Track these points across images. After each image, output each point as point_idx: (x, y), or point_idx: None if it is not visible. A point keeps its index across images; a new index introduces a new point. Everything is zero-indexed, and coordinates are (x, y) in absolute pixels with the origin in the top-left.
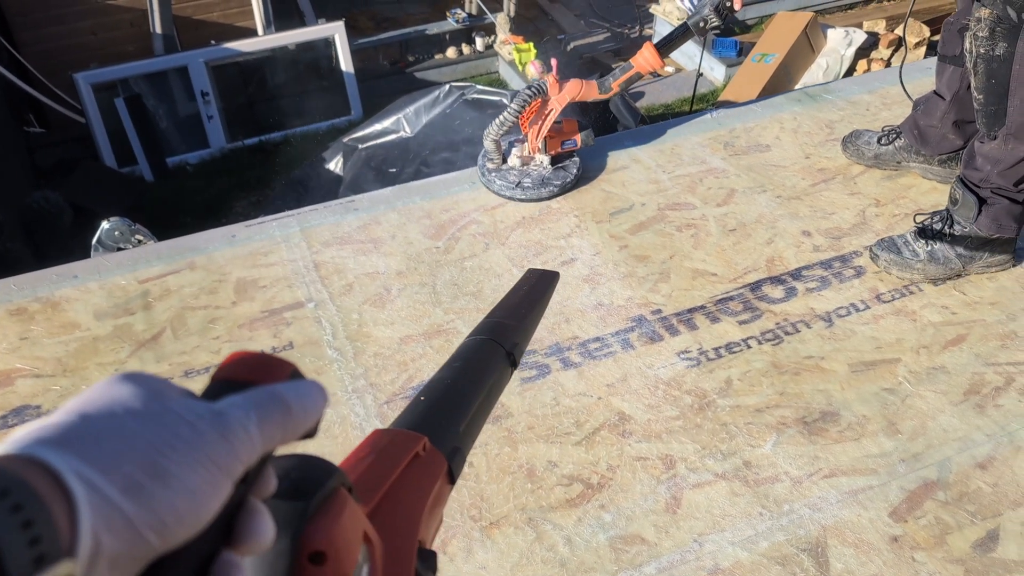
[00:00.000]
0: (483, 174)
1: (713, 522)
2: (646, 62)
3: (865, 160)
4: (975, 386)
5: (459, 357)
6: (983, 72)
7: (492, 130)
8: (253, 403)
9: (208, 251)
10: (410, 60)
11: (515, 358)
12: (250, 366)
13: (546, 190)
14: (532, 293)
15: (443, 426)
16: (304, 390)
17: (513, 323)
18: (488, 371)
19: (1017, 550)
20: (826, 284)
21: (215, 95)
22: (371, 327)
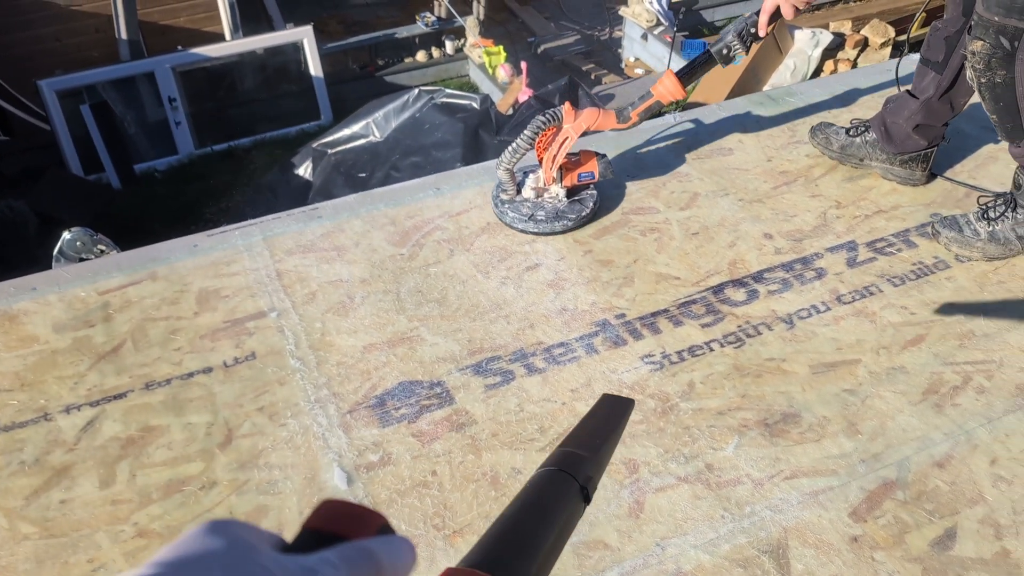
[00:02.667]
0: (496, 205)
1: (675, 525)
2: (667, 91)
3: (831, 151)
4: (934, 386)
5: (531, 489)
6: (990, 98)
7: (505, 158)
8: (345, 560)
9: (170, 261)
10: (380, 64)
11: (588, 493)
12: (341, 518)
13: (560, 224)
14: (607, 422)
15: (515, 566)
16: (395, 547)
17: (587, 454)
18: (561, 508)
19: (974, 548)
20: (787, 286)
21: (183, 101)
22: (334, 336)
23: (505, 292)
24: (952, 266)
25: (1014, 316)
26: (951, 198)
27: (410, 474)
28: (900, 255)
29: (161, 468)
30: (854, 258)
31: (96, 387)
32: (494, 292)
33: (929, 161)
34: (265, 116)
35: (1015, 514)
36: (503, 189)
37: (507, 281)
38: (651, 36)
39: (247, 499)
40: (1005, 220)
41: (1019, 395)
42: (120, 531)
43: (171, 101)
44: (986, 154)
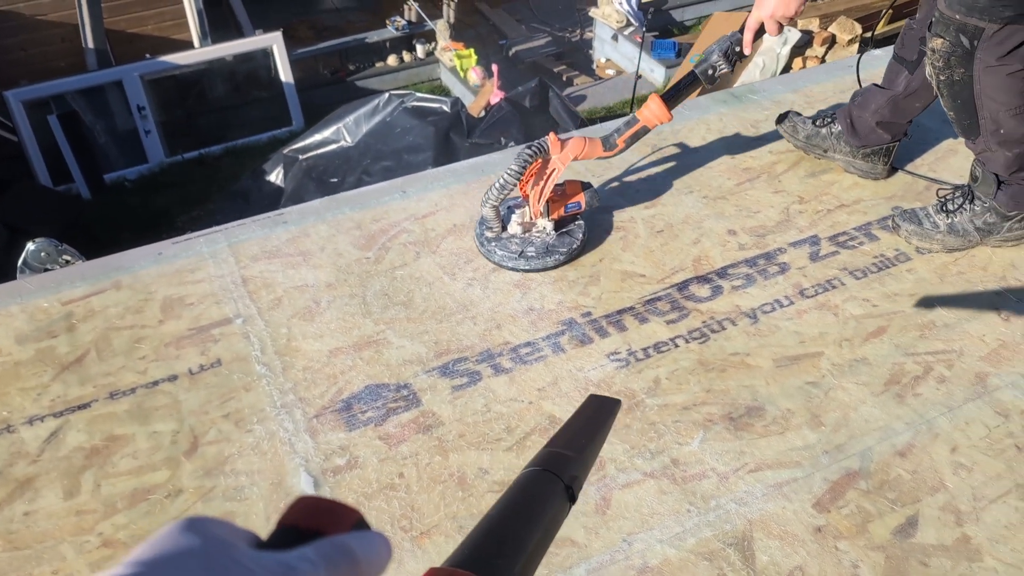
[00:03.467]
0: (482, 244)
1: (642, 521)
2: (653, 115)
3: (796, 140)
4: (895, 376)
5: (516, 490)
6: (948, 95)
7: (491, 196)
8: (322, 556)
9: (134, 270)
10: (351, 69)
11: (574, 492)
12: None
13: (552, 259)
14: (592, 422)
15: (500, 566)
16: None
17: (573, 454)
18: (546, 507)
19: (935, 534)
20: (751, 282)
21: (152, 109)
22: (300, 341)
23: (471, 293)
24: (913, 258)
25: (973, 306)
26: (911, 191)
27: (377, 477)
28: (862, 248)
29: (126, 477)
30: (816, 252)
31: (59, 398)
32: (460, 293)
33: (891, 155)
34: (236, 123)
35: (975, 500)
36: (488, 227)
37: (473, 282)
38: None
39: (213, 506)
40: (963, 212)
41: (979, 384)
42: (85, 542)
43: (140, 110)
44: (945, 147)
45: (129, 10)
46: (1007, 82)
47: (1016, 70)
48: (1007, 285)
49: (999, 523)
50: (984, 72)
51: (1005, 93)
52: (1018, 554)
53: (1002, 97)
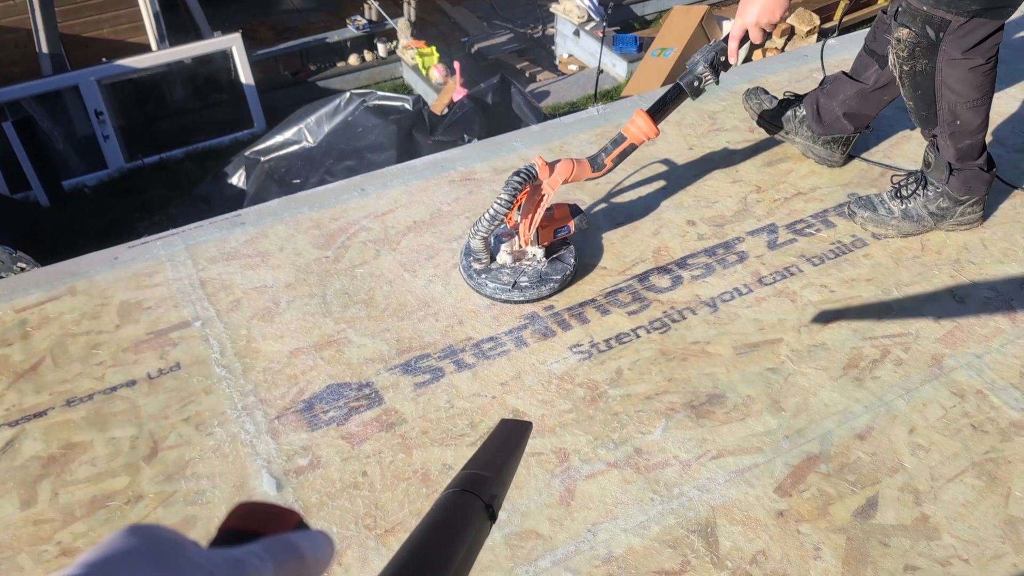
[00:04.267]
0: (471, 276)
1: (606, 511)
2: (640, 131)
3: (760, 115)
4: (853, 360)
5: (437, 512)
6: (909, 85)
7: (481, 227)
8: (269, 552)
9: (89, 275)
10: (312, 69)
11: (494, 511)
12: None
13: (546, 288)
14: (506, 444)
15: None
16: (314, 539)
17: (490, 474)
18: (468, 525)
19: (895, 514)
20: (710, 271)
21: (110, 114)
22: (260, 342)
23: (433, 290)
24: (869, 244)
25: (929, 289)
26: (867, 178)
27: (340, 476)
28: (819, 235)
29: (84, 485)
30: (774, 240)
31: (15, 406)
32: (422, 290)
33: (850, 144)
34: (196, 126)
35: (933, 480)
36: (476, 258)
37: (435, 279)
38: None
39: (174, 510)
40: (917, 198)
41: (935, 365)
42: (43, 551)
43: (98, 115)
44: (900, 134)
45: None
46: (969, 76)
47: (978, 64)
48: (961, 268)
49: (956, 501)
50: (947, 64)
51: (965, 86)
52: (975, 531)
53: (962, 90)
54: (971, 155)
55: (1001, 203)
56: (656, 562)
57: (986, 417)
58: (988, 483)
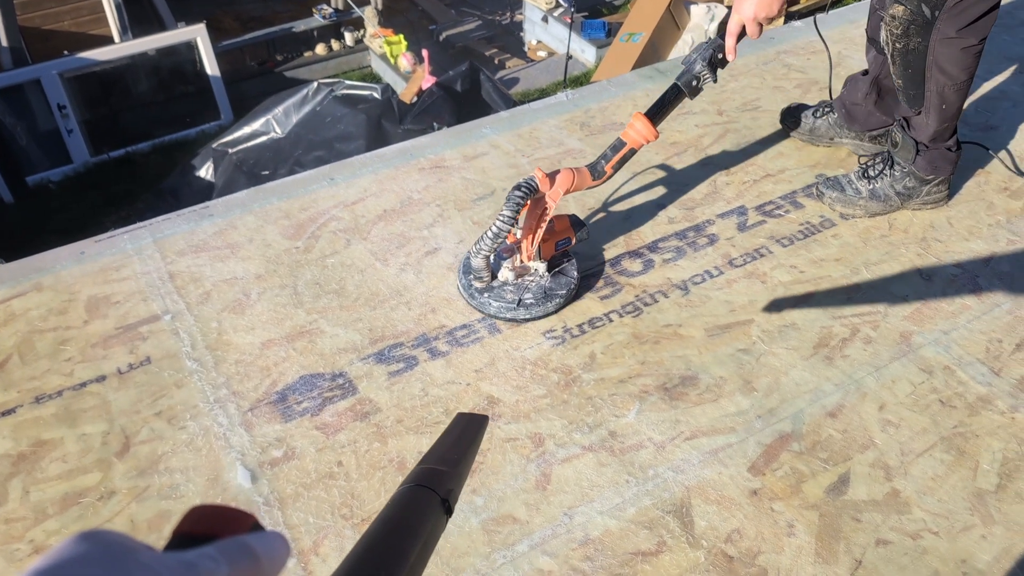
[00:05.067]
0: (471, 296)
1: (582, 494)
2: (639, 135)
3: (801, 134)
4: (824, 339)
5: (393, 506)
6: (900, 63)
7: (484, 246)
8: (223, 553)
9: (55, 270)
10: (279, 60)
11: (450, 505)
12: (211, 519)
13: (552, 303)
14: (462, 438)
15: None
16: (270, 541)
17: (446, 469)
18: (423, 520)
19: (866, 490)
20: (681, 254)
21: (74, 108)
22: (231, 334)
23: (405, 278)
24: (837, 224)
25: (896, 268)
26: (834, 159)
27: (315, 467)
28: (788, 217)
29: (56, 482)
30: (744, 222)
31: None
32: (393, 279)
33: None
34: (162, 119)
35: (903, 455)
36: (478, 277)
37: (407, 267)
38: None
39: (148, 505)
40: (884, 178)
41: (903, 343)
42: (15, 550)
43: (61, 108)
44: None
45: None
46: (960, 56)
47: (970, 45)
48: (927, 246)
49: (926, 475)
50: (940, 43)
51: (955, 67)
52: (944, 504)
53: (952, 70)
54: (945, 136)
55: (966, 182)
56: (632, 543)
57: (954, 392)
58: (957, 457)
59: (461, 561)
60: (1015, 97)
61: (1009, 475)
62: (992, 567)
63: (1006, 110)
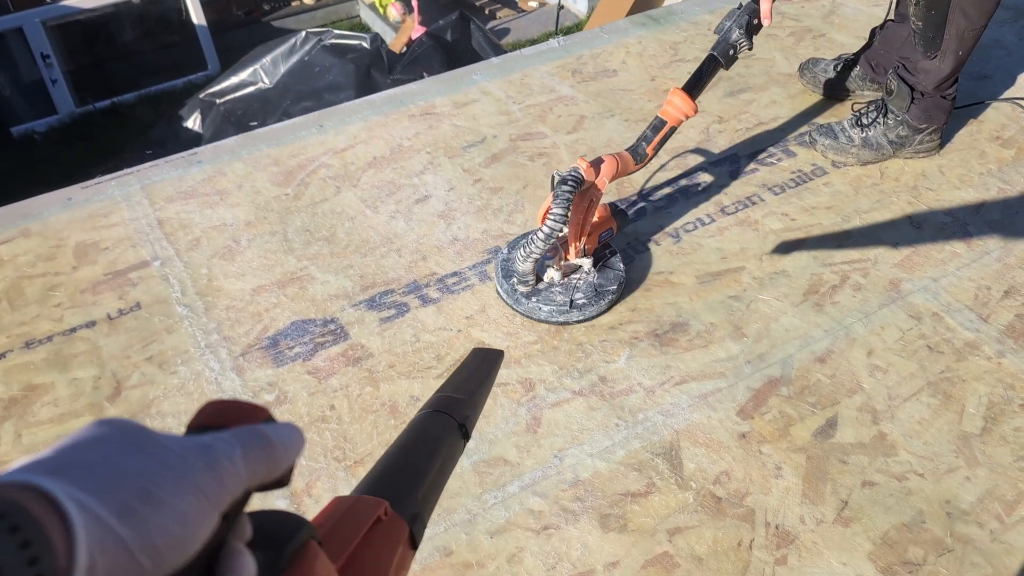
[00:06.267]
0: (517, 302)
1: (572, 437)
2: (678, 111)
3: (820, 88)
4: (814, 286)
5: (411, 430)
6: (924, 4)
7: (534, 248)
8: (237, 438)
9: (43, 216)
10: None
11: (467, 430)
12: (225, 412)
13: (605, 301)
14: (479, 370)
15: (402, 493)
16: (284, 429)
17: (462, 397)
18: (441, 442)
19: (853, 433)
20: (673, 202)
21: (58, 57)
22: (221, 280)
23: (395, 226)
24: (829, 172)
25: (886, 216)
26: (827, 107)
27: (308, 410)
28: (780, 165)
29: (48, 425)
30: (736, 170)
31: None
32: (384, 226)
33: None
34: (149, 69)
35: (890, 400)
36: (523, 281)
37: (397, 215)
38: None
39: None
40: (877, 126)
41: (892, 289)
42: None
43: (45, 58)
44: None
45: None
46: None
47: None
48: (919, 195)
49: (912, 419)
50: None
51: (978, 10)
52: (930, 447)
53: (974, 14)
54: (950, 83)
55: (958, 131)
56: (622, 484)
57: (942, 338)
58: (943, 401)
59: (453, 501)
60: (1009, 46)
61: (994, 419)
62: (975, 507)
63: (1000, 59)
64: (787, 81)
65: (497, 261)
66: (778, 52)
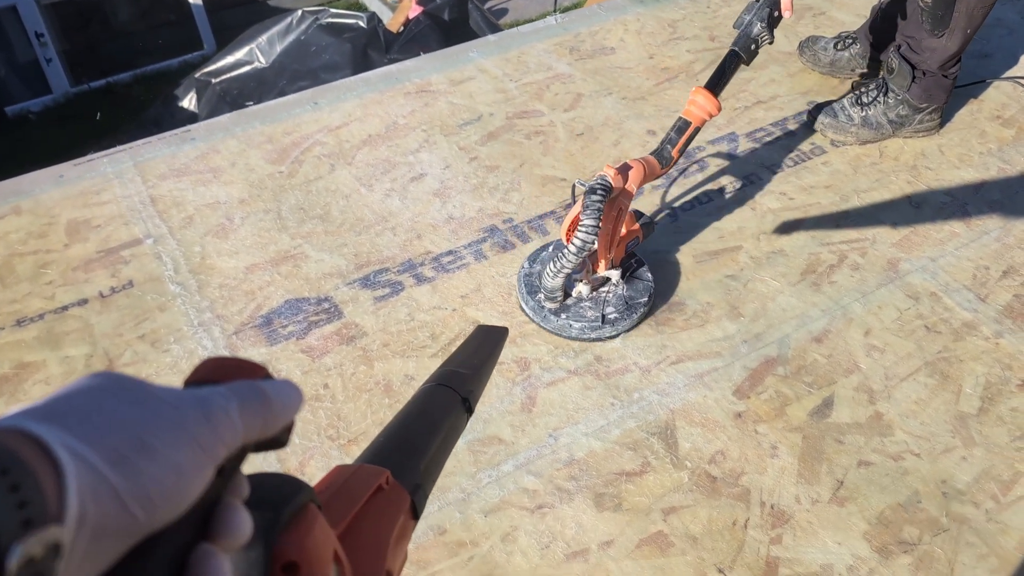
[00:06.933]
0: (545, 319)
1: (567, 416)
2: (702, 110)
3: (820, 66)
4: (811, 266)
5: (415, 402)
6: None
7: (567, 263)
8: (234, 391)
9: (34, 194)
10: None
11: (471, 404)
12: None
13: (637, 314)
14: (483, 346)
15: (404, 463)
16: (282, 386)
17: (467, 371)
18: (444, 415)
19: (849, 413)
20: (670, 180)
21: (52, 36)
22: (215, 258)
23: (390, 204)
24: (828, 151)
25: (885, 195)
26: (826, 86)
27: (301, 388)
28: (778, 143)
29: None
30: (735, 149)
31: None
32: (379, 205)
33: None
34: (144, 49)
35: (887, 380)
36: (551, 298)
37: (392, 193)
38: None
39: None
40: (877, 105)
41: (890, 269)
42: None
43: (39, 37)
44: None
45: None
46: None
47: None
48: (918, 174)
49: (909, 399)
50: None
51: None
52: (926, 427)
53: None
54: (954, 62)
55: (959, 110)
56: (617, 464)
57: (939, 318)
58: (940, 381)
59: (447, 480)
60: (1011, 24)
61: (991, 399)
62: (971, 487)
63: (1001, 38)
64: (786, 59)
65: (519, 276)
66: (777, 30)
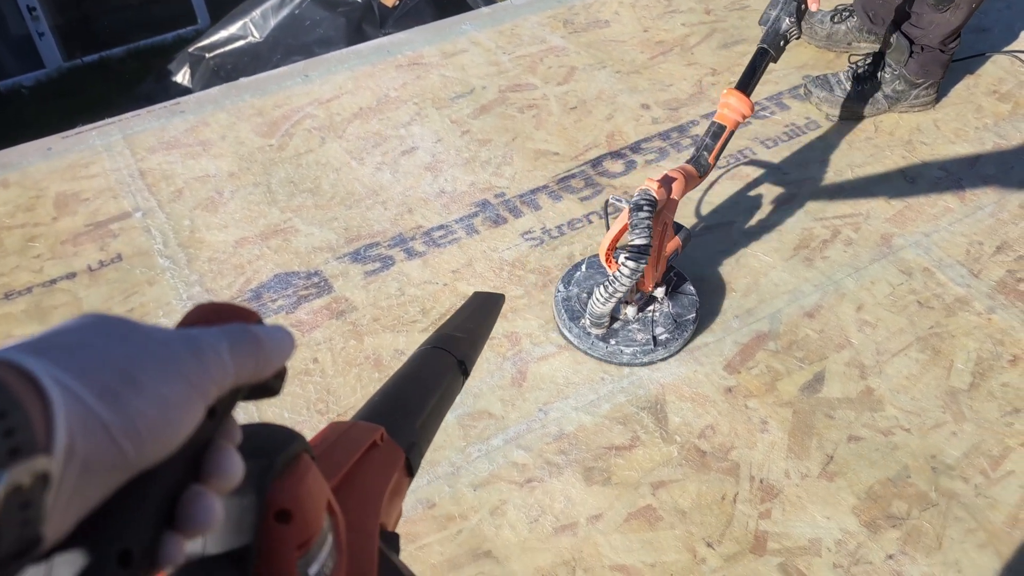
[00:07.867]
0: (593, 346)
1: (557, 391)
2: (735, 112)
3: (817, 39)
4: (804, 241)
5: (410, 363)
6: None
7: (619, 286)
8: (225, 332)
9: (22, 166)
10: None
11: (466, 367)
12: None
13: (688, 331)
14: (479, 311)
15: (399, 421)
16: (273, 331)
17: (462, 335)
18: (440, 376)
19: (840, 388)
20: (664, 155)
21: (44, 9)
22: (204, 232)
23: (381, 178)
24: (823, 126)
25: (880, 170)
26: (822, 60)
27: (290, 363)
28: (773, 118)
29: None
30: None
31: None
32: (369, 178)
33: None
34: (138, 23)
35: (878, 355)
36: (597, 324)
37: (383, 167)
38: None
39: None
40: (874, 79)
41: (883, 244)
42: None
43: (31, 10)
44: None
45: None
46: None
47: None
48: (913, 149)
49: (900, 374)
50: None
51: None
52: (917, 402)
53: None
54: (954, 37)
55: (955, 85)
56: (607, 438)
57: (932, 294)
58: (932, 356)
59: (436, 454)
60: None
61: (982, 374)
62: (960, 462)
63: (1000, 11)
64: None
65: (556, 300)
66: None
